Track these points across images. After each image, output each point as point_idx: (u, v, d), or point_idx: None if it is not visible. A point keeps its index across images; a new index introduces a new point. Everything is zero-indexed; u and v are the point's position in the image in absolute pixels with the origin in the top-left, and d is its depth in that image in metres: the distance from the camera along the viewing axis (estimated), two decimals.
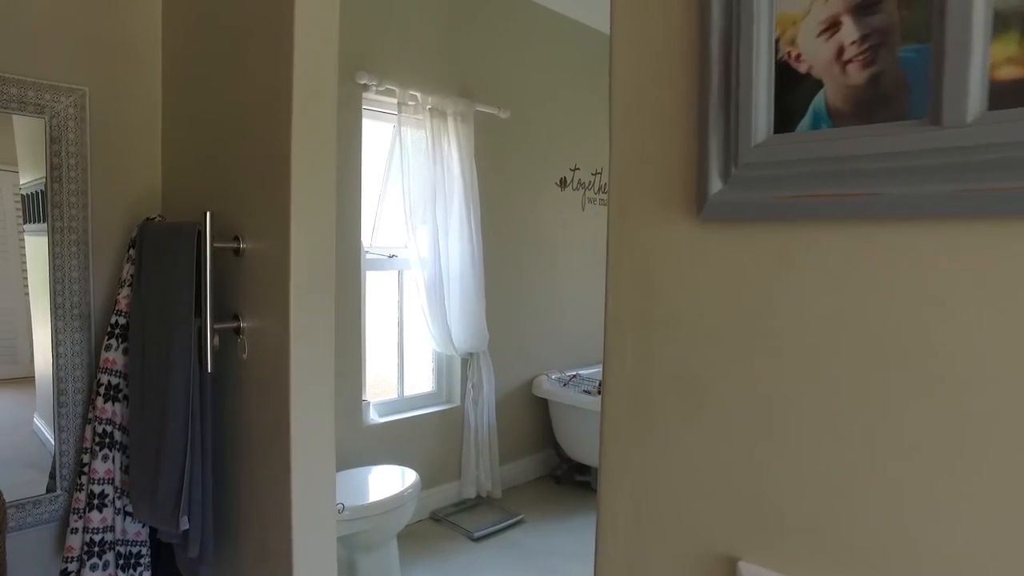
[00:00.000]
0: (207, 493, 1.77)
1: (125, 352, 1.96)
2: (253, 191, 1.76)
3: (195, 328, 1.74)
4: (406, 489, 2.60)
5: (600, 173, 4.28)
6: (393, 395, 3.34)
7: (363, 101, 3.02)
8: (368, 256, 3.18)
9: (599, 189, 4.29)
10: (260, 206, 1.73)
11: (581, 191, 4.17)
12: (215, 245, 1.74)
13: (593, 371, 4.11)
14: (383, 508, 2.51)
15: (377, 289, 3.27)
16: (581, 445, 3.66)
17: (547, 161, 3.93)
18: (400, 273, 3.35)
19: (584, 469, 3.77)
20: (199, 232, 1.73)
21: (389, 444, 3.17)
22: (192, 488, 1.72)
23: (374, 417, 3.14)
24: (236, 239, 1.80)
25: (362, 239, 3.06)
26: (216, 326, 1.74)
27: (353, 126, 2.97)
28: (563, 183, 4.04)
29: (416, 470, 3.22)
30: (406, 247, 3.31)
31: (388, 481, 2.69)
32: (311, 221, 1.66)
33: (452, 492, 3.46)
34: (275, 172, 1.66)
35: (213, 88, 1.94)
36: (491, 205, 3.56)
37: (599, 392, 3.27)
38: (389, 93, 3.05)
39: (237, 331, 1.81)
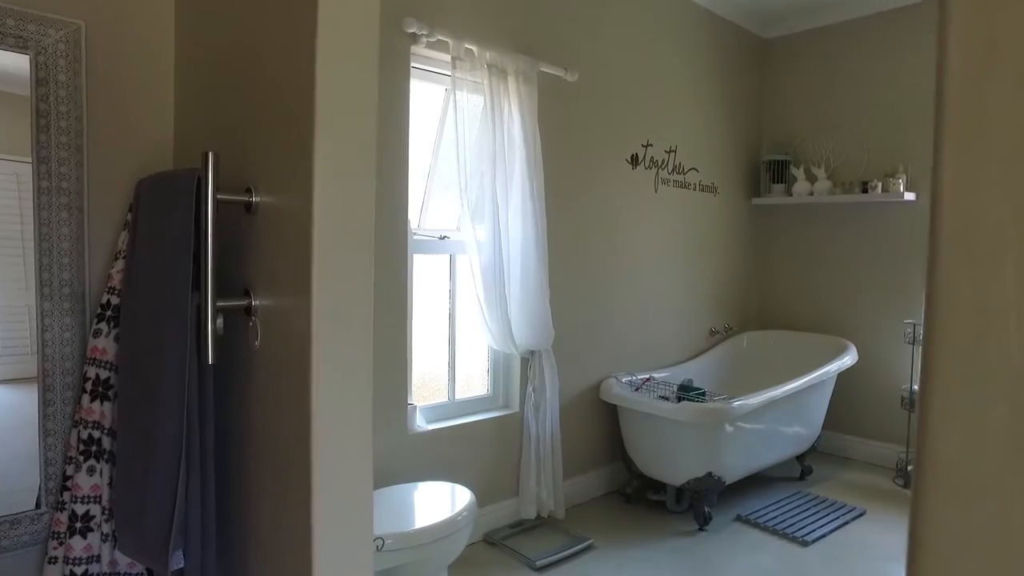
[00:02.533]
0: (208, 523, 1.35)
1: (117, 339, 1.58)
2: (270, 126, 1.35)
3: (192, 306, 1.33)
4: (460, 512, 2.16)
5: (675, 151, 3.78)
6: (443, 398, 2.91)
7: (411, 57, 2.60)
8: (416, 237, 2.76)
9: (674, 169, 3.79)
10: (278, 146, 1.32)
11: (654, 170, 3.68)
12: (220, 197, 1.33)
13: (667, 374, 3.61)
14: (432, 536, 2.07)
15: (425, 275, 2.85)
16: (656, 459, 3.16)
17: (617, 134, 3.46)
18: (452, 257, 2.92)
19: (658, 487, 3.27)
20: (199, 180, 1.33)
21: (438, 455, 2.74)
22: (189, 516, 1.31)
23: (421, 424, 2.72)
24: (248, 191, 1.39)
25: (409, 218, 2.64)
26: (220, 304, 1.33)
27: (399, 86, 2.56)
28: (634, 160, 3.56)
29: (468, 485, 2.78)
30: (459, 229, 2.88)
31: (437, 501, 2.25)
32: (342, 168, 1.23)
33: (509, 511, 3.01)
34: (296, 98, 1.24)
35: (231, 13, 1.54)
36: (554, 181, 3.11)
37: (678, 399, 2.74)
38: (441, 46, 2.63)
39: (248, 311, 1.39)
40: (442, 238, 2.86)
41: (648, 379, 3.42)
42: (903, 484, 3.59)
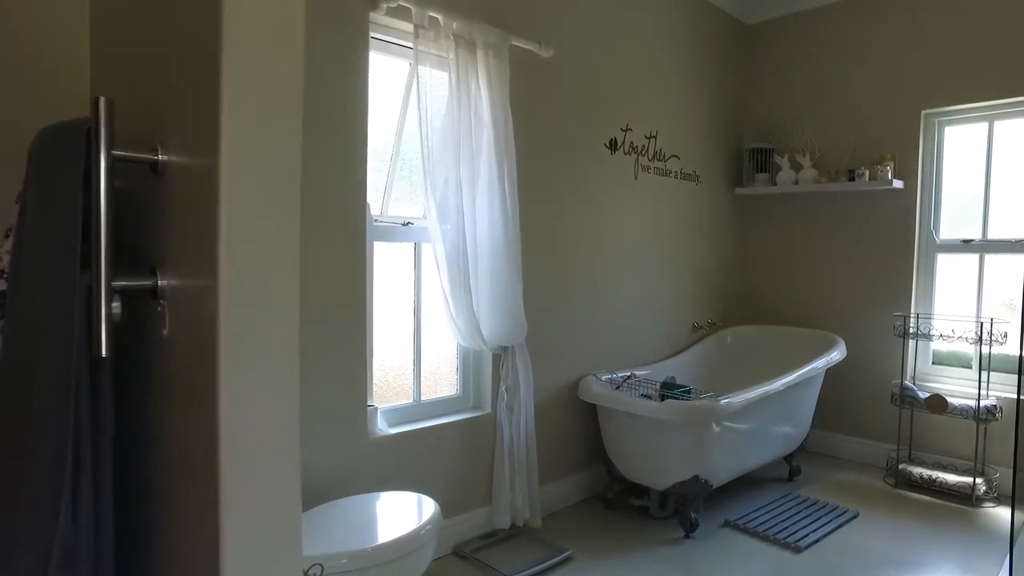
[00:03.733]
0: (103, 551, 1.11)
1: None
2: (178, 67, 1.11)
3: (82, 287, 1.09)
4: (424, 525, 1.93)
5: (655, 137, 3.59)
6: (407, 399, 2.67)
7: (370, 26, 2.37)
8: (377, 224, 2.53)
9: (654, 155, 3.60)
10: (187, 92, 1.08)
11: (634, 156, 3.48)
12: (117, 154, 1.09)
13: (649, 371, 3.41)
14: (393, 553, 1.84)
15: (388, 265, 2.61)
16: (638, 462, 2.96)
17: (595, 117, 3.25)
18: (417, 246, 2.69)
19: (641, 491, 3.07)
20: (88, 131, 1.08)
21: (402, 462, 2.50)
22: (71, 552, 1.06)
23: (382, 427, 2.48)
24: (155, 149, 1.15)
25: (368, 203, 2.40)
26: (117, 284, 1.09)
27: (356, 58, 2.33)
28: (613, 145, 3.36)
29: (436, 493, 2.55)
30: (424, 217, 2.65)
31: (400, 513, 2.02)
32: (258, 118, 1.00)
33: (481, 521, 2.78)
34: (199, 28, 1.01)
35: None
36: (527, 165, 2.90)
37: (662, 397, 2.53)
38: (403, 13, 2.41)
39: (155, 293, 1.15)
40: (406, 224, 2.62)
41: (629, 377, 3.22)
42: (894, 483, 3.43)
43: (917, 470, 3.39)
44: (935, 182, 3.63)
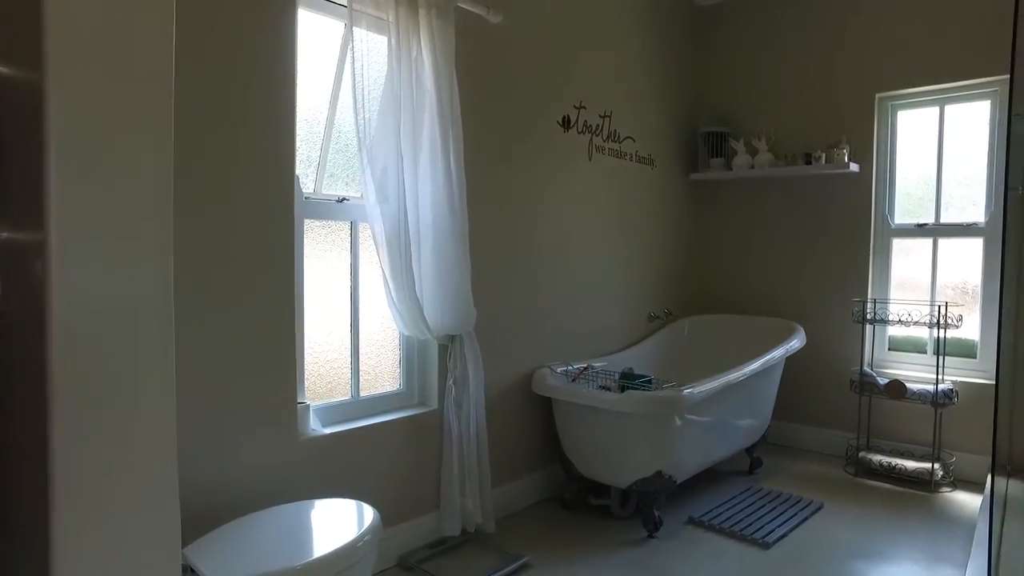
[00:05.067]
0: None
1: None
2: None
3: None
4: (362, 536, 1.68)
5: (609, 116, 3.42)
6: (344, 396, 2.41)
7: None
8: (308, 200, 2.26)
9: (609, 136, 3.43)
10: None
11: (588, 136, 3.30)
12: None
13: (605, 363, 3.23)
14: (328, 569, 1.59)
15: (321, 246, 2.34)
16: (598, 458, 2.77)
17: (547, 92, 3.06)
18: (354, 225, 2.43)
19: (601, 490, 2.88)
20: None
21: (338, 466, 2.24)
22: None
23: (316, 427, 2.21)
24: None
25: (297, 176, 2.13)
26: None
27: (281, 15, 2.05)
28: (566, 123, 3.17)
29: (378, 499, 2.30)
30: (361, 196, 2.40)
31: (335, 524, 1.76)
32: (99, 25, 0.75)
33: (428, 528, 2.53)
34: None
35: None
36: (474, 140, 2.67)
37: (622, 388, 2.30)
38: None
39: None
40: (341, 201, 2.36)
41: (586, 368, 3.03)
42: (854, 472, 3.36)
43: (876, 458, 3.32)
44: (889, 166, 3.58)
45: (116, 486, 0.76)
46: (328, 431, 2.22)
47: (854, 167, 3.50)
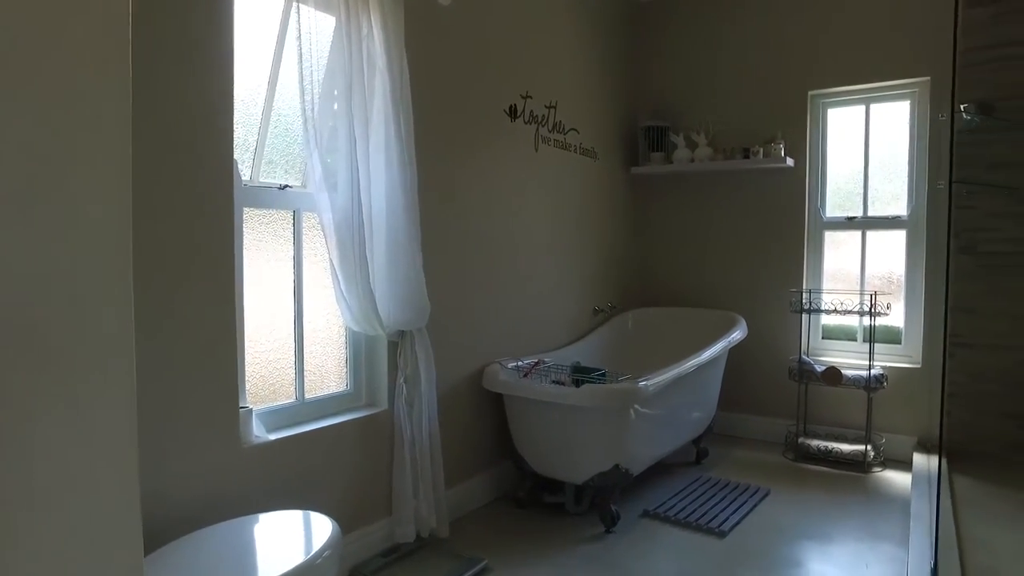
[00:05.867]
0: None
1: None
2: None
3: None
4: (320, 552, 1.53)
5: (555, 107, 3.37)
6: (289, 398, 2.23)
7: None
8: (247, 187, 2.07)
9: (554, 127, 3.38)
10: None
11: (534, 126, 3.23)
12: None
13: (552, 358, 3.17)
14: None
15: (261, 236, 2.15)
16: (553, 455, 2.71)
17: (495, 79, 2.97)
18: (297, 214, 2.25)
19: (555, 486, 2.82)
20: None
21: (284, 474, 2.07)
22: None
23: (259, 433, 2.03)
24: None
25: (236, 161, 1.95)
26: None
27: None
28: (513, 112, 3.09)
29: (328, 508, 2.15)
30: (305, 185, 2.24)
31: (287, 539, 1.61)
32: None
33: (381, 535, 2.40)
34: None
35: None
36: (423, 125, 2.55)
37: (576, 382, 2.21)
38: None
39: None
40: (283, 188, 2.18)
41: (537, 363, 2.97)
42: (793, 458, 3.46)
43: (814, 442, 3.43)
44: (821, 162, 3.71)
45: (66, 495, 0.62)
46: (273, 437, 2.05)
47: (789, 162, 3.61)
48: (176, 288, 1.77)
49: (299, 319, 2.24)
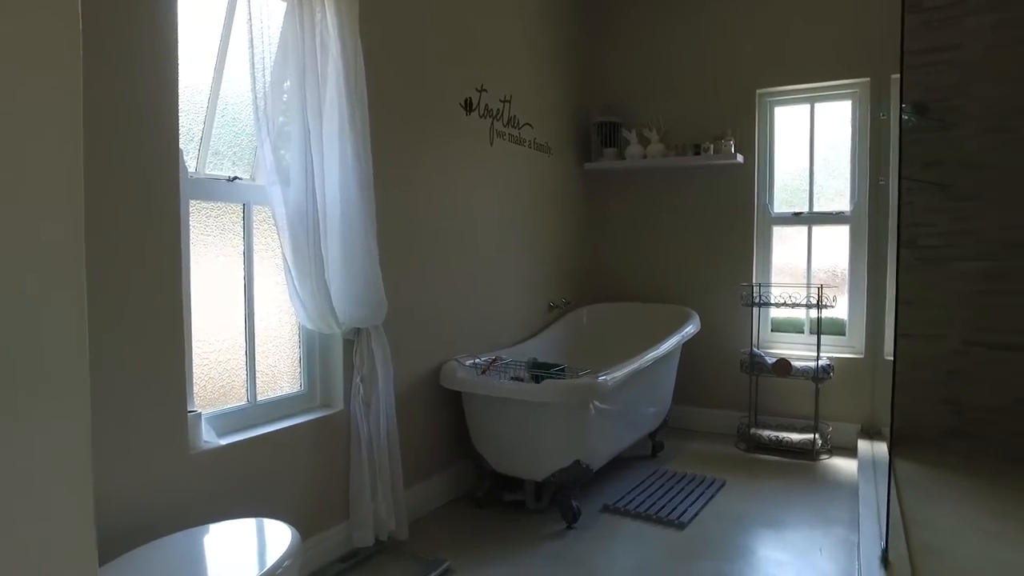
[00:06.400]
0: None
1: None
2: None
3: None
4: (280, 562, 1.46)
5: (509, 101, 3.34)
6: (240, 401, 2.13)
7: None
8: (193, 178, 1.96)
9: (509, 121, 3.34)
10: None
11: (489, 120, 3.19)
12: None
13: (509, 354, 3.15)
14: None
15: (209, 231, 2.04)
16: (512, 452, 2.69)
17: (450, 71, 2.91)
18: (247, 208, 2.15)
19: (514, 483, 2.79)
20: None
21: (237, 480, 1.97)
22: None
23: (209, 438, 1.93)
24: None
25: (181, 153, 1.83)
26: None
27: None
28: (468, 105, 3.04)
29: (283, 514, 2.06)
30: (255, 177, 2.14)
31: (243, 550, 1.52)
32: None
33: (338, 540, 2.32)
34: None
35: None
36: (375, 116, 2.47)
37: (535, 378, 2.19)
38: None
39: None
40: (233, 179, 2.08)
41: (495, 360, 2.93)
42: (745, 448, 3.53)
43: (765, 433, 3.51)
44: (769, 158, 3.80)
45: (15, 510, 0.56)
46: (224, 442, 1.95)
47: (739, 158, 3.68)
48: (117, 285, 1.66)
49: (250, 317, 2.14)
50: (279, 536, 1.57)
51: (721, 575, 2.22)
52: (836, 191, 3.68)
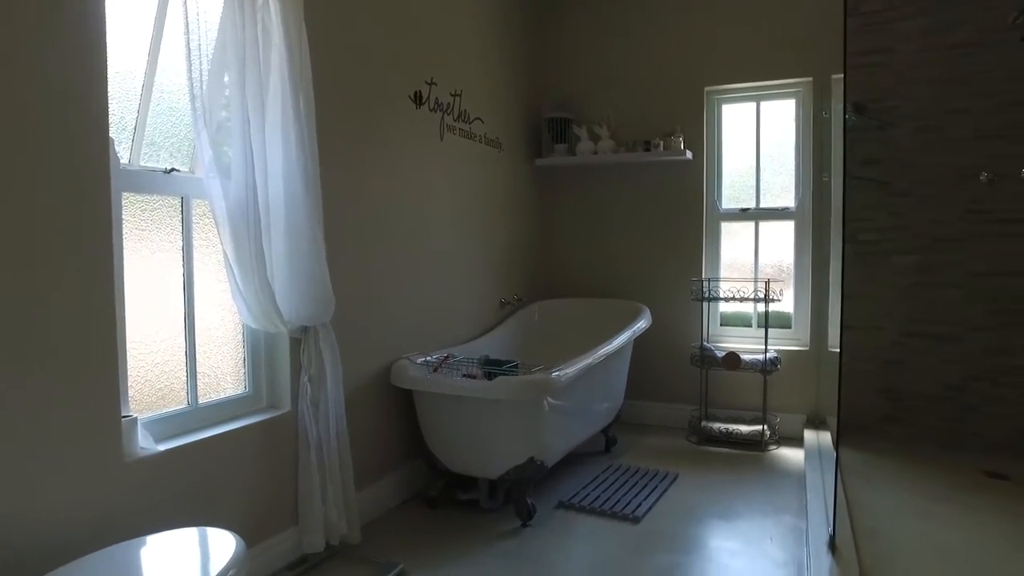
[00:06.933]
0: None
1: None
2: None
3: None
4: (225, 571, 1.38)
5: (460, 95, 3.29)
6: (180, 404, 2.03)
7: None
8: (127, 169, 1.85)
9: (459, 116, 3.30)
10: None
11: (439, 114, 3.14)
12: None
13: (461, 352, 3.10)
14: None
15: (145, 225, 1.93)
16: (466, 450, 2.65)
17: (400, 63, 2.85)
18: (186, 201, 2.04)
19: (468, 482, 2.76)
20: None
21: (177, 487, 1.87)
22: None
23: (147, 444, 1.82)
24: None
25: (112, 142, 1.73)
26: None
27: None
28: (418, 99, 2.98)
29: (228, 522, 1.98)
30: (194, 170, 2.04)
31: (191, 561, 1.44)
32: None
33: (287, 546, 2.23)
34: None
35: None
36: (321, 107, 2.40)
37: (488, 375, 2.13)
38: None
39: None
40: (170, 171, 1.97)
41: (447, 357, 2.88)
42: (697, 441, 3.59)
43: (715, 425, 3.57)
44: (717, 155, 3.87)
45: None
46: (163, 448, 1.84)
47: (688, 155, 3.73)
48: (43, 283, 1.54)
49: (190, 316, 2.04)
50: (223, 545, 1.49)
51: (677, 567, 2.24)
52: (781, 187, 3.77)
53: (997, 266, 3.23)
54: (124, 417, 1.74)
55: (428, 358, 2.83)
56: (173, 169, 1.97)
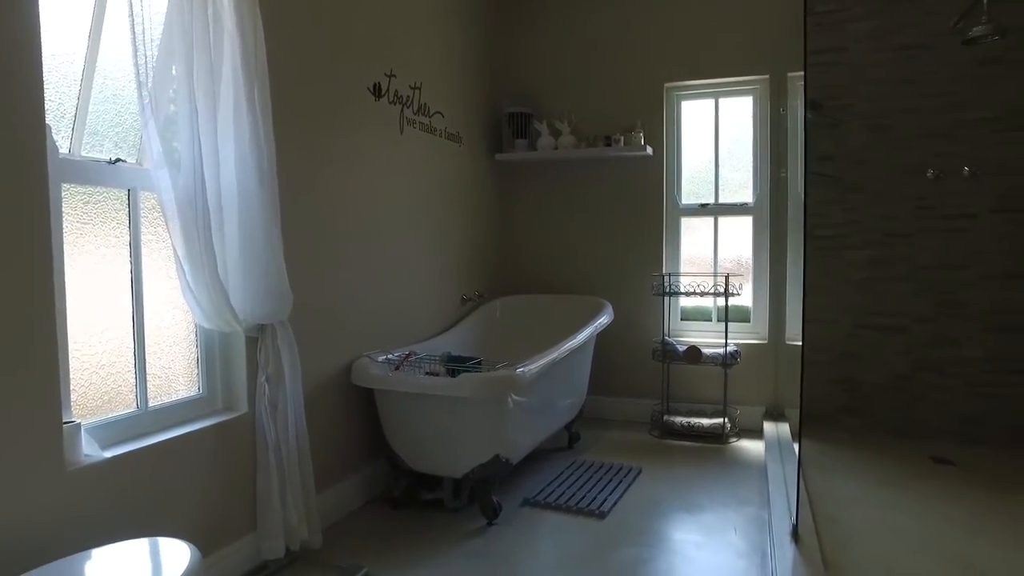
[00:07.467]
0: None
1: None
2: None
3: None
4: None
5: (420, 88, 3.23)
6: (128, 408, 1.92)
7: None
8: (65, 160, 1.74)
9: (419, 109, 3.24)
10: None
11: (399, 107, 3.07)
12: None
13: (422, 349, 3.05)
14: None
15: (88, 219, 1.82)
16: (429, 449, 2.60)
17: (358, 55, 2.77)
18: (133, 193, 1.94)
19: (432, 482, 2.71)
20: None
21: (126, 496, 1.77)
22: None
23: (91, 451, 1.72)
24: None
25: (49, 129, 1.62)
26: None
27: None
28: (377, 91, 2.91)
29: (182, 531, 1.89)
30: (141, 161, 1.93)
31: (143, 574, 1.36)
32: None
33: (246, 553, 2.15)
34: None
35: None
36: (277, 99, 2.31)
37: (451, 372, 2.10)
38: None
39: None
40: (115, 162, 1.86)
41: (408, 355, 2.82)
42: (659, 435, 3.61)
43: (677, 419, 3.60)
44: (676, 151, 3.89)
45: None
46: (109, 454, 1.74)
47: (649, 150, 3.75)
48: None
49: (139, 315, 1.94)
50: (176, 556, 1.41)
51: (643, 561, 2.23)
52: (740, 183, 3.82)
53: (941, 260, 3.35)
54: (66, 423, 1.64)
55: (390, 356, 2.77)
56: (118, 159, 1.87)
